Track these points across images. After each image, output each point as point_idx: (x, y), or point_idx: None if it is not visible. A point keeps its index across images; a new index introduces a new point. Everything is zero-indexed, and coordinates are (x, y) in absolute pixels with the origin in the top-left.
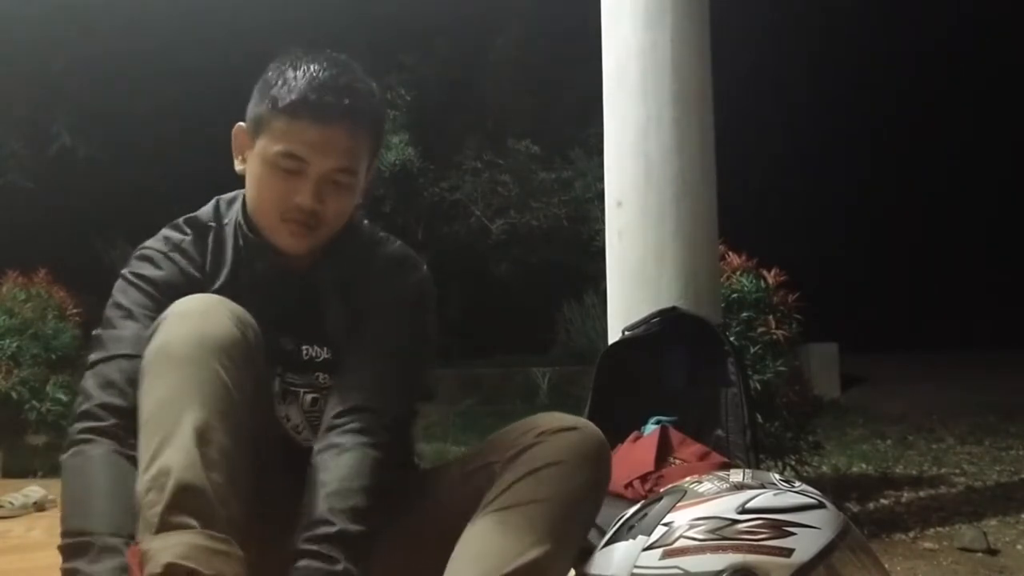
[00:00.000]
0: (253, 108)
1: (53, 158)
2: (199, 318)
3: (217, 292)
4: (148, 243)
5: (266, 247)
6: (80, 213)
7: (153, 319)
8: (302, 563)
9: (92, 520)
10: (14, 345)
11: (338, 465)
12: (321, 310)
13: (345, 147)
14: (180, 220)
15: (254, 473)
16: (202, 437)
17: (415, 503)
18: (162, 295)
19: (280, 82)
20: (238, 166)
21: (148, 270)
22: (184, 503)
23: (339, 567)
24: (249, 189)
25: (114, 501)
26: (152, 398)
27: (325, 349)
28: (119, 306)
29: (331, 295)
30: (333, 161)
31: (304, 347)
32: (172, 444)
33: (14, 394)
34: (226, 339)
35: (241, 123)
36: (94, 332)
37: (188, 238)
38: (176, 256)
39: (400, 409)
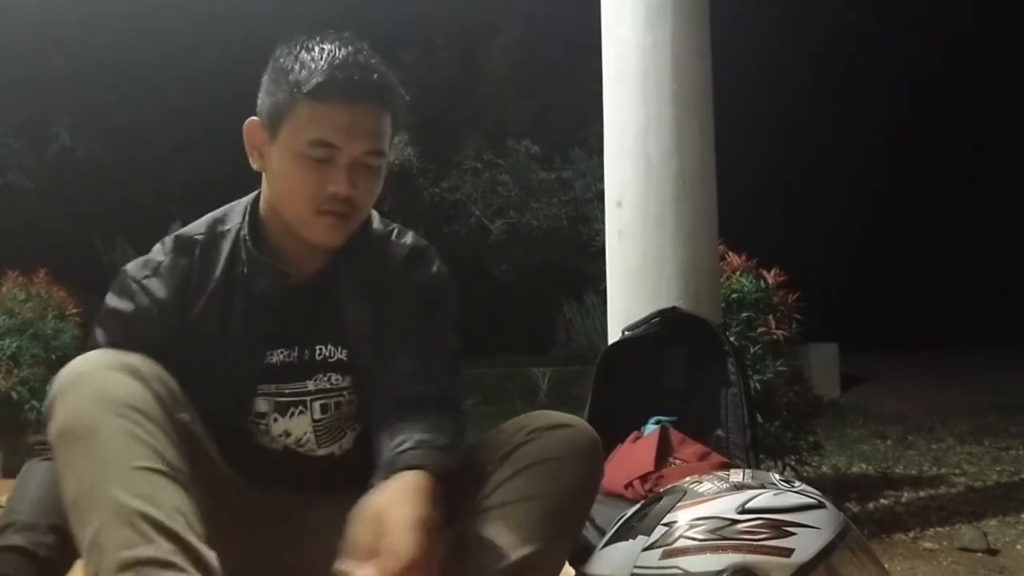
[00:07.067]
0: (269, 98)
1: (53, 158)
2: (92, 382)
3: (201, 311)
4: (130, 267)
5: (270, 265)
6: (80, 213)
7: None
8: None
9: (24, 507)
10: (14, 345)
11: (416, 420)
12: (338, 311)
13: (374, 128)
14: (168, 237)
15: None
16: (144, 497)
17: None
18: (135, 329)
19: (298, 66)
20: (255, 163)
21: (123, 304)
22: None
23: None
24: (273, 185)
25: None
26: (72, 480)
27: (340, 349)
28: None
29: (350, 295)
30: (365, 143)
31: (318, 347)
32: (112, 523)
33: (14, 394)
34: (127, 395)
35: (253, 118)
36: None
37: (167, 260)
38: (151, 283)
39: (452, 393)
